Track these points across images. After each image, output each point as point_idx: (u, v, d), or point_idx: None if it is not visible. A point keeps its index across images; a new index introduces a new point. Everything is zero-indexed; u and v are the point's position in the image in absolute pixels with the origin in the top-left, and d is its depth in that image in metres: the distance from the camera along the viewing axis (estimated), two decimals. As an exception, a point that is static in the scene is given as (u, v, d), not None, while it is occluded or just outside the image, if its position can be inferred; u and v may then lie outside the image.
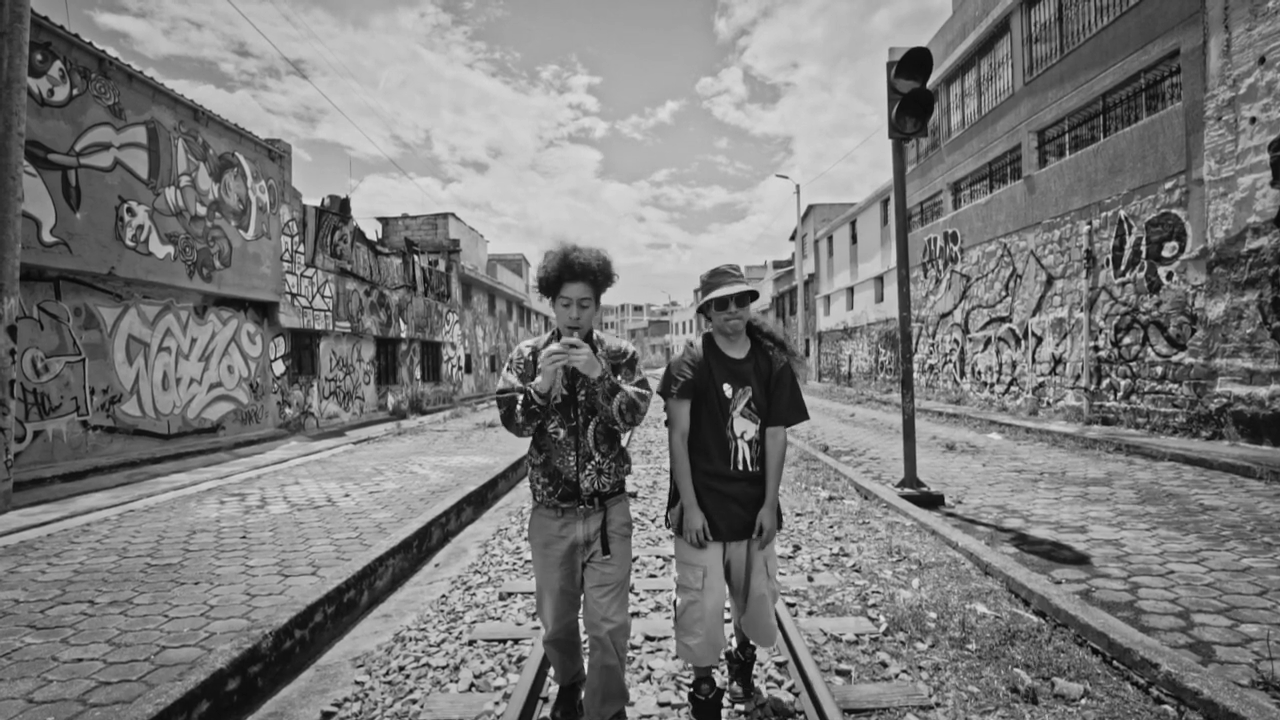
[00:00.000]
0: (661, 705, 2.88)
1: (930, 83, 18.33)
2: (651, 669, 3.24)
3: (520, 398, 2.27)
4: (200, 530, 6.04)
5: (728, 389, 2.51)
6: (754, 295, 2.54)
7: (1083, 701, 2.82)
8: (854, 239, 27.94)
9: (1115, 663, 3.15)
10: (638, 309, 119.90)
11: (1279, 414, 8.26)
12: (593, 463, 2.38)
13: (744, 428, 2.51)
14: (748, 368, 2.54)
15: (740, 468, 2.51)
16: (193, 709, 2.93)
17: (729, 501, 2.52)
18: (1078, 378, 12.26)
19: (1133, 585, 4.14)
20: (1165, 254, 10.15)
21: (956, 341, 17.29)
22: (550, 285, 2.33)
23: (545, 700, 3.05)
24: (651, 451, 11.28)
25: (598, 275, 2.32)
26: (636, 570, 4.92)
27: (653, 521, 6.31)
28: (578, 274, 2.28)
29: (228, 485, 8.27)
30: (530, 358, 2.41)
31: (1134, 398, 10.81)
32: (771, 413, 2.54)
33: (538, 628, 3.84)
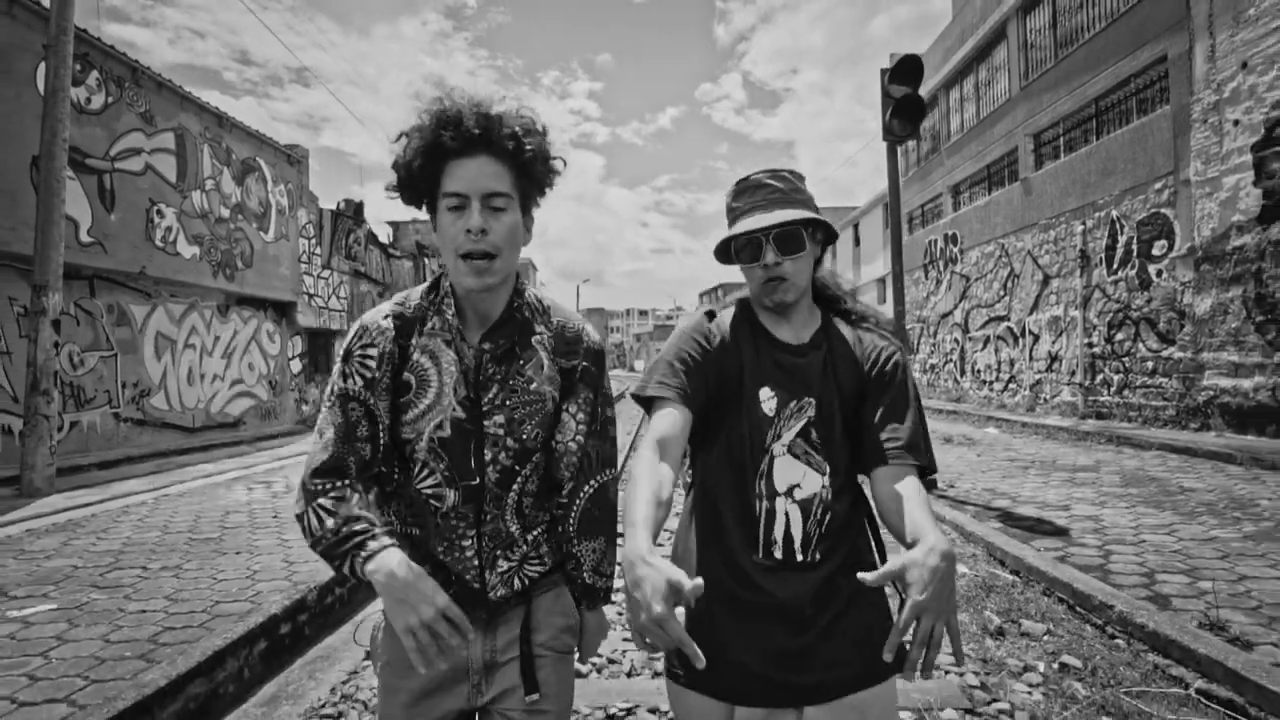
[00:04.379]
0: None
1: (930, 87, 18.71)
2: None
3: (314, 519, 1.10)
4: (234, 511, 6.42)
5: (768, 398, 1.28)
6: (824, 230, 1.34)
7: (1045, 638, 3.18)
8: (857, 241, 28.33)
9: (1078, 609, 3.50)
10: (643, 313, 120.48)
11: (1262, 405, 8.58)
12: (513, 552, 1.24)
13: (792, 477, 1.27)
14: (812, 361, 1.31)
15: (779, 554, 1.25)
16: (254, 645, 3.31)
17: (753, 618, 1.24)
18: (1073, 374, 12.58)
19: (1106, 552, 4.48)
20: (1155, 252, 10.49)
21: (957, 341, 17.62)
22: (420, 174, 1.14)
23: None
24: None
25: (519, 142, 1.13)
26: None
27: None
28: (475, 140, 1.11)
29: (253, 475, 8.67)
30: (391, 347, 1.20)
31: (1126, 392, 11.13)
32: (877, 442, 1.26)
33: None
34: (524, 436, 1.20)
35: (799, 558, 1.23)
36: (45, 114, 7.00)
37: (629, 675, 2.92)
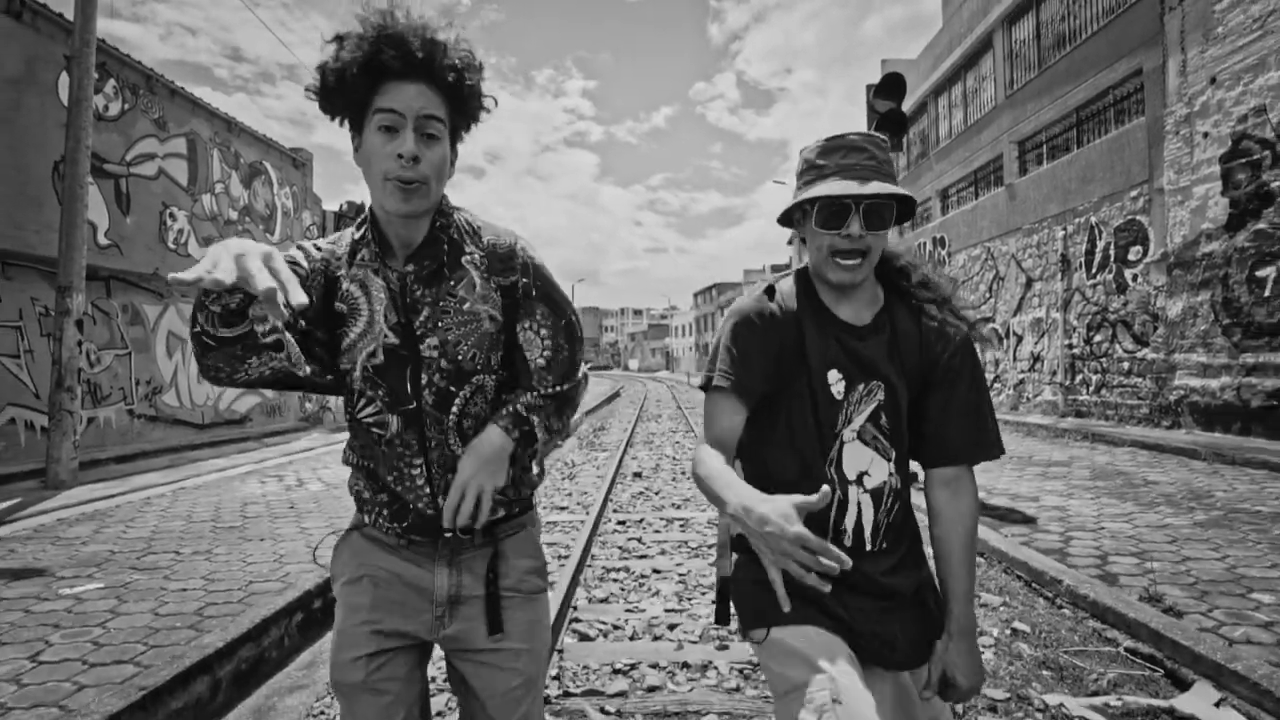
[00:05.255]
0: (668, 611, 3.63)
1: (920, 94, 19.16)
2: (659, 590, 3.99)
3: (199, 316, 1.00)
4: (251, 503, 6.76)
5: (836, 381, 1.25)
6: (908, 205, 1.26)
7: (1001, 608, 3.57)
8: (849, 243, 28.77)
9: (1033, 584, 3.90)
10: (637, 313, 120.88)
11: (1228, 404, 9.03)
12: None
13: (861, 463, 1.26)
14: (875, 344, 1.28)
15: (848, 542, 1.25)
16: (292, 616, 3.68)
17: (839, 586, 1.16)
18: (1054, 374, 13.04)
19: (1067, 538, 4.88)
20: (1131, 257, 10.94)
21: (944, 341, 18.07)
22: (352, 85, 1.09)
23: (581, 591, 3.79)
24: (654, 442, 12.00)
25: (459, 74, 1.13)
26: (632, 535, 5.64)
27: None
28: (417, 64, 1.08)
29: (264, 469, 9.00)
30: (319, 265, 1.22)
31: (1104, 391, 11.59)
32: (943, 439, 1.30)
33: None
34: (459, 358, 1.19)
35: (868, 547, 1.24)
36: (69, 123, 7.31)
37: (631, 639, 3.31)
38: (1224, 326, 9.09)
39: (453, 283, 1.19)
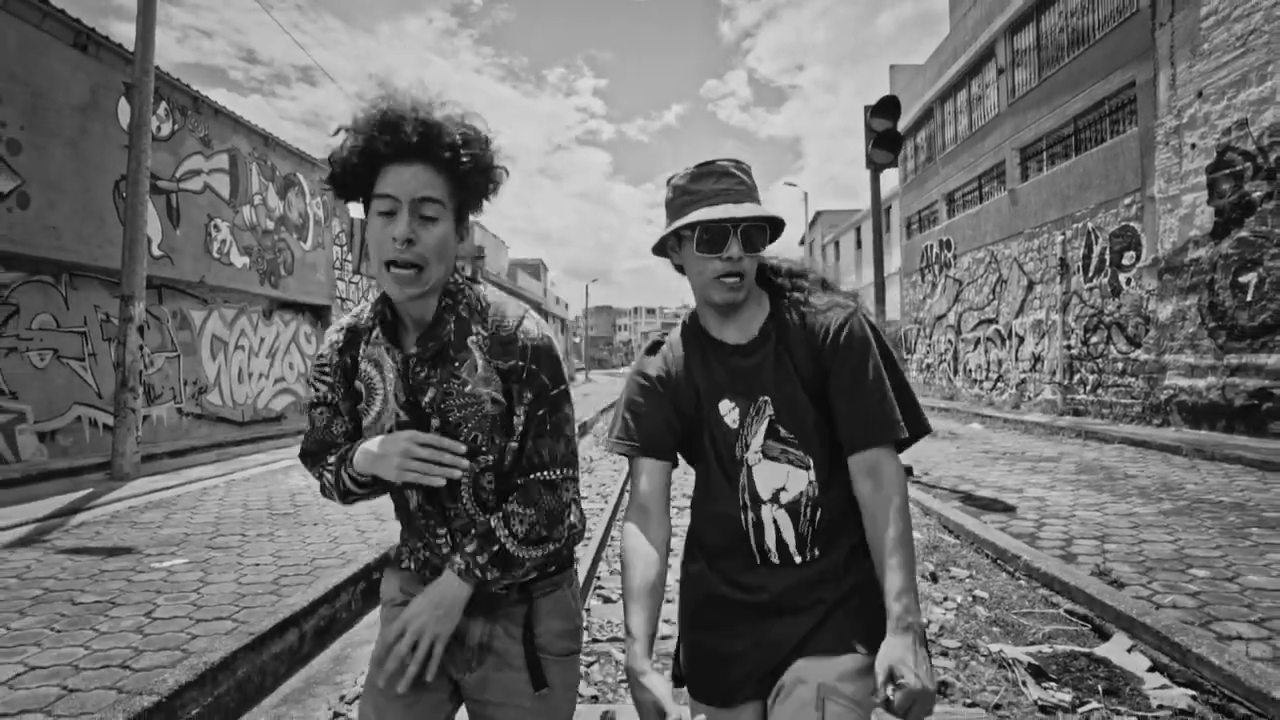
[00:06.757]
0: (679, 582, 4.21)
1: (926, 100, 19.59)
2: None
3: (326, 475, 1.29)
4: (298, 493, 7.41)
5: (729, 410, 1.27)
6: (777, 226, 1.27)
7: (967, 580, 4.13)
8: (858, 244, 29.21)
9: (998, 561, 4.45)
10: (650, 311, 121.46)
11: (1214, 403, 9.47)
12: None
13: (774, 481, 1.24)
14: (762, 357, 1.27)
15: (775, 560, 1.24)
16: (357, 585, 4.30)
17: (750, 618, 1.24)
18: (1054, 373, 13.48)
19: (1040, 524, 5.41)
20: (1125, 262, 11.38)
21: (950, 342, 18.50)
22: (355, 173, 1.15)
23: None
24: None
25: (456, 152, 1.14)
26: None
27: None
28: (411, 148, 1.11)
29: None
30: (337, 359, 1.29)
31: (1099, 391, 12.03)
32: (841, 424, 1.23)
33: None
34: (461, 438, 1.19)
35: (797, 560, 1.22)
36: (131, 145, 8.00)
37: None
38: (1210, 329, 9.53)
39: (456, 364, 1.21)
